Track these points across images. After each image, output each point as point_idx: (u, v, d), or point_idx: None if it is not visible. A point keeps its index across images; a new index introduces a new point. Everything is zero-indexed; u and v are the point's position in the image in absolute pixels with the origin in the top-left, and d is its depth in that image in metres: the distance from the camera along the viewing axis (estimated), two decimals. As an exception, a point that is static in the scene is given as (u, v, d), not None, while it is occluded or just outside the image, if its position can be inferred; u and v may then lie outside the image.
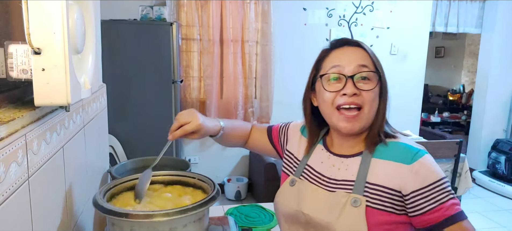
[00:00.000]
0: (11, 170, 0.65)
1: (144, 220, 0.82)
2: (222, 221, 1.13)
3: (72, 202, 1.02)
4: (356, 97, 0.92)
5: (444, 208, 0.86)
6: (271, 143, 1.22)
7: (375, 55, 0.97)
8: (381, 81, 0.95)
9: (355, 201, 0.90)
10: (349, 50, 0.97)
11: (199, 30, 3.65)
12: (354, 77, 0.92)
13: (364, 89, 0.92)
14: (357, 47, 0.97)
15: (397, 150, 0.93)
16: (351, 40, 0.99)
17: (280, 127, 1.22)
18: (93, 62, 0.97)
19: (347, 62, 0.94)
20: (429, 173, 0.88)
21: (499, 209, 3.88)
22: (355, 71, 0.93)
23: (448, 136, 4.48)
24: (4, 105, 0.77)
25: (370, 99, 0.92)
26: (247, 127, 1.25)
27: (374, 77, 0.93)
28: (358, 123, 0.93)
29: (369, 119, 0.94)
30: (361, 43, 0.98)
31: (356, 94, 0.92)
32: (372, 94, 0.92)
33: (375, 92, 0.93)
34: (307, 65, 3.70)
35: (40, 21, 0.65)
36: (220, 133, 1.11)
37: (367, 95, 0.92)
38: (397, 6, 4.14)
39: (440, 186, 0.87)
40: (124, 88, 3.07)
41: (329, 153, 1.03)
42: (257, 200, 3.75)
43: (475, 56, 6.66)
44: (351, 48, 0.97)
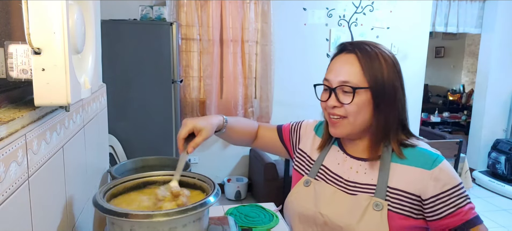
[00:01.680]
0: (11, 170, 0.65)
1: (144, 220, 0.82)
2: (222, 221, 1.13)
3: (72, 202, 1.02)
4: (337, 109, 0.96)
5: (462, 213, 0.89)
6: (282, 141, 1.22)
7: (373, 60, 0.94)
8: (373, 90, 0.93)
9: (377, 205, 0.92)
10: (342, 59, 0.97)
11: (199, 30, 3.65)
12: (336, 90, 0.95)
13: (344, 102, 0.94)
14: (350, 55, 0.95)
15: (416, 155, 0.95)
16: (348, 45, 0.98)
17: (291, 125, 1.22)
18: (93, 62, 0.97)
19: (334, 74, 0.96)
20: (449, 178, 0.91)
21: (499, 209, 3.88)
22: (337, 85, 0.95)
23: (448, 136, 4.48)
24: (4, 105, 0.77)
25: (352, 111, 0.94)
26: (254, 125, 1.24)
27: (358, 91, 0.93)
28: (340, 129, 0.97)
29: (355, 127, 0.96)
30: (357, 49, 0.95)
31: (336, 106, 0.96)
32: (354, 107, 0.93)
33: (357, 104, 0.93)
34: (307, 65, 3.77)
35: (40, 21, 0.65)
36: (224, 127, 1.11)
37: (348, 107, 0.94)
38: (397, 6, 4.14)
39: (458, 191, 0.91)
40: (124, 88, 3.07)
41: (346, 155, 1.03)
42: (257, 200, 3.75)
43: (475, 56, 6.67)
44: (345, 55, 0.97)
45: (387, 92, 0.94)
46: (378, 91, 0.93)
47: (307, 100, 3.48)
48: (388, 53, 0.97)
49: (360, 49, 0.95)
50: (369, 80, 0.93)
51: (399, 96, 0.96)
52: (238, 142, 1.23)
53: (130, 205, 0.97)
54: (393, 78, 0.95)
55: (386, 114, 0.95)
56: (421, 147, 0.97)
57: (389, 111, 0.95)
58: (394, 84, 0.95)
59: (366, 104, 0.94)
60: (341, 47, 1.00)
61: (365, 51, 0.95)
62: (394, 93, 0.95)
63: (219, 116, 1.10)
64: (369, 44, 0.97)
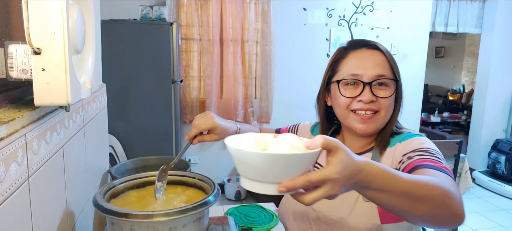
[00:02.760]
0: (11, 170, 0.65)
1: (144, 220, 0.82)
2: (222, 221, 1.13)
3: (72, 201, 1.02)
4: (372, 104, 0.94)
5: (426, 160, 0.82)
6: None
7: (393, 58, 0.97)
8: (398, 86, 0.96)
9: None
10: (368, 53, 0.95)
11: (199, 30, 3.65)
12: (372, 84, 0.93)
13: (381, 96, 0.93)
14: (375, 51, 0.96)
15: (399, 137, 0.96)
16: (369, 42, 0.98)
17: (289, 129, 1.23)
18: (93, 62, 0.97)
19: (365, 68, 0.93)
20: (420, 143, 0.89)
21: (499, 209, 3.88)
22: (373, 79, 0.93)
23: (448, 136, 4.48)
24: (4, 105, 0.77)
25: (387, 105, 0.94)
26: (257, 131, 1.26)
27: (392, 83, 0.94)
28: (372, 125, 0.95)
29: (384, 122, 0.96)
30: (379, 46, 0.97)
31: (373, 101, 0.93)
32: (389, 101, 0.94)
33: (392, 98, 0.94)
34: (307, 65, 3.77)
35: (40, 21, 0.65)
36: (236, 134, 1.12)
37: (384, 101, 0.93)
38: (397, 6, 4.14)
39: (428, 151, 0.85)
40: (124, 88, 3.07)
41: None
42: (257, 200, 3.75)
43: (475, 56, 6.67)
44: (370, 51, 0.96)
45: (401, 88, 0.98)
46: (400, 87, 0.97)
47: (307, 100, 3.48)
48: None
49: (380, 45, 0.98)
50: (397, 74, 0.95)
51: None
52: None
53: (130, 205, 0.97)
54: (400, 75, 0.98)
55: (398, 110, 0.98)
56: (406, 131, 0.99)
57: (400, 105, 0.98)
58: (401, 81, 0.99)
59: (393, 98, 0.96)
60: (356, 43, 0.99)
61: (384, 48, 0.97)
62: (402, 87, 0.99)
63: (235, 125, 1.11)
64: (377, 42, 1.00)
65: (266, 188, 0.60)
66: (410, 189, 0.62)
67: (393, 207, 0.63)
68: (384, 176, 0.60)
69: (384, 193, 0.60)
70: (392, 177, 0.61)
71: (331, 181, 0.56)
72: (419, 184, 0.63)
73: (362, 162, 0.60)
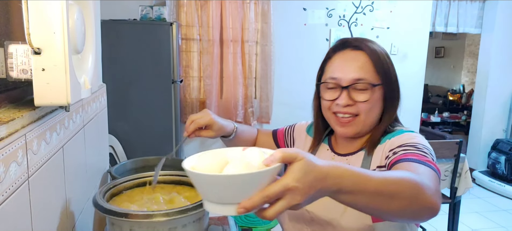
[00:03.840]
0: (11, 170, 0.65)
1: (143, 220, 0.82)
2: (222, 221, 1.13)
3: (72, 201, 1.02)
4: (349, 107, 0.93)
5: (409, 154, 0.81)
6: (277, 146, 1.23)
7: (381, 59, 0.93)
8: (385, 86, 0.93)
9: None
10: (350, 55, 0.94)
11: (199, 30, 3.65)
12: (349, 87, 0.92)
13: (359, 100, 0.92)
14: (359, 52, 0.94)
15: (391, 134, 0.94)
16: (353, 41, 0.96)
17: (285, 129, 1.23)
18: (93, 62, 0.97)
19: (345, 71, 0.93)
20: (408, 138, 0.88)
21: (498, 209, 3.88)
22: (351, 82, 0.92)
23: (448, 136, 4.48)
24: (4, 105, 0.77)
25: (366, 109, 0.92)
26: (254, 132, 1.26)
27: (372, 87, 0.92)
28: (352, 128, 0.95)
29: (366, 125, 0.95)
30: (363, 46, 0.94)
31: (349, 105, 0.93)
32: (368, 105, 0.92)
33: (371, 102, 0.92)
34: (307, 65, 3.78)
35: (40, 21, 0.65)
36: (233, 133, 1.12)
37: (362, 105, 0.92)
38: (397, 6, 4.14)
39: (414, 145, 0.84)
40: (124, 88, 3.07)
41: (334, 154, 1.04)
42: (257, 200, 3.74)
43: (475, 56, 6.67)
44: (352, 52, 0.94)
45: (395, 88, 0.95)
46: (389, 87, 0.93)
47: (307, 100, 3.45)
48: (383, 49, 0.97)
49: (367, 45, 0.94)
50: (382, 76, 0.92)
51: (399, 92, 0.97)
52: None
53: (130, 205, 0.97)
54: (394, 74, 0.96)
55: (392, 110, 0.95)
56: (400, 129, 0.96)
57: (395, 107, 0.96)
58: (397, 79, 0.96)
59: (378, 101, 0.93)
60: (343, 43, 0.97)
61: (372, 47, 0.94)
62: (398, 88, 0.96)
63: (232, 124, 1.12)
64: (370, 40, 0.97)
65: (226, 210, 0.57)
66: (380, 187, 0.61)
67: (367, 207, 0.63)
68: (353, 177, 0.59)
69: (356, 194, 0.60)
70: (362, 177, 0.60)
71: (290, 191, 0.54)
72: (389, 181, 0.63)
73: (328, 167, 0.58)
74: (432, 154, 0.83)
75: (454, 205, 2.77)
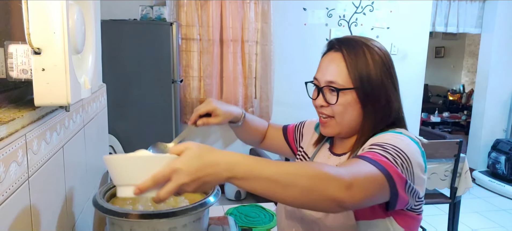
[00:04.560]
0: (11, 170, 0.65)
1: (143, 220, 0.82)
2: (222, 221, 1.13)
3: (72, 201, 1.02)
4: (325, 109, 0.95)
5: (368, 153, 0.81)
6: (287, 142, 1.24)
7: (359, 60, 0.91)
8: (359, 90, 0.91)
9: None
10: (330, 57, 0.95)
11: (199, 30, 3.65)
12: (324, 89, 0.95)
13: (331, 102, 0.93)
14: (337, 53, 0.93)
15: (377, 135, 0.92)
16: (336, 43, 0.95)
17: (295, 126, 1.24)
18: (93, 62, 0.97)
19: (323, 72, 0.95)
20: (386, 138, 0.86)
21: (499, 209, 3.88)
22: (325, 84, 0.94)
23: (448, 136, 4.48)
24: (4, 105, 0.77)
25: (338, 111, 0.93)
26: (265, 125, 1.27)
27: (341, 91, 0.91)
28: (329, 129, 0.97)
29: (343, 126, 0.95)
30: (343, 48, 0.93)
31: (323, 106, 0.95)
32: (339, 107, 0.92)
33: (342, 105, 0.92)
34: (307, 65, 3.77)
35: (40, 21, 0.65)
36: (241, 119, 1.13)
37: (335, 107, 0.93)
38: (397, 6, 4.14)
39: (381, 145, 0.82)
40: (124, 88, 3.07)
41: (330, 153, 1.04)
42: (257, 200, 3.75)
43: (475, 56, 6.67)
44: (333, 54, 0.94)
45: (375, 91, 0.91)
46: (365, 90, 0.90)
47: (307, 100, 3.44)
48: (378, 48, 0.93)
49: (347, 46, 0.93)
50: (354, 80, 0.90)
51: (389, 95, 0.92)
52: (248, 139, 1.24)
53: (130, 205, 0.97)
54: (381, 76, 0.91)
55: (375, 113, 0.92)
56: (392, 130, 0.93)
57: (378, 110, 0.92)
58: (383, 82, 0.91)
59: (352, 104, 0.92)
60: (329, 44, 0.98)
61: (351, 49, 0.92)
62: (383, 92, 0.91)
63: (239, 109, 1.13)
64: (357, 41, 0.94)
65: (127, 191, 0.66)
66: (275, 176, 0.67)
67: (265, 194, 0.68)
68: (247, 166, 0.66)
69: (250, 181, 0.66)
70: (257, 166, 0.67)
71: (175, 172, 0.64)
72: (285, 171, 0.68)
73: (222, 155, 0.67)
74: (402, 157, 0.80)
75: (454, 205, 2.77)
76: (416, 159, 0.83)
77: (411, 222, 0.90)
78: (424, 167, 0.87)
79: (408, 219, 0.90)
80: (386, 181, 0.76)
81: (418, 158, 0.84)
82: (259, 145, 1.27)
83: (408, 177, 0.80)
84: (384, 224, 0.88)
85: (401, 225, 0.89)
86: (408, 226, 0.90)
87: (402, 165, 0.80)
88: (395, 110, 0.95)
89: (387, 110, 0.93)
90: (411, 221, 0.90)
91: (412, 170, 0.81)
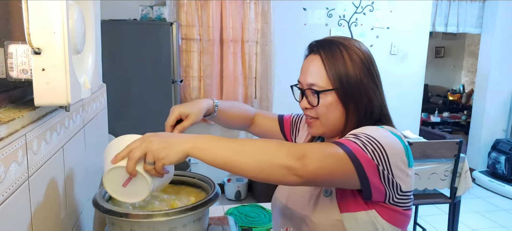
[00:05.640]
0: (11, 170, 0.65)
1: (144, 220, 0.82)
2: (222, 221, 1.13)
3: (72, 202, 1.03)
4: (309, 110, 0.97)
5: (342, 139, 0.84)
6: (282, 133, 1.24)
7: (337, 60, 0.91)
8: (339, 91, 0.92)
9: (326, 191, 0.93)
10: (310, 60, 0.96)
11: (199, 30, 3.65)
12: (306, 92, 0.96)
13: (313, 104, 0.95)
14: (315, 55, 0.95)
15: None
16: (314, 45, 0.97)
17: (292, 118, 1.23)
18: (93, 62, 0.97)
19: (304, 75, 0.97)
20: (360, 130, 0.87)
21: (499, 209, 3.88)
22: (306, 87, 0.96)
23: (448, 136, 4.47)
24: (4, 105, 0.77)
25: (321, 112, 0.94)
26: (249, 110, 1.26)
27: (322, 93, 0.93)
28: (314, 129, 0.98)
29: (328, 126, 0.96)
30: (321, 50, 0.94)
31: (307, 108, 0.97)
32: (322, 109, 0.93)
33: (324, 106, 0.93)
34: (307, 65, 3.55)
35: (40, 21, 0.65)
36: (214, 111, 1.13)
37: (318, 108, 0.94)
38: (397, 6, 4.14)
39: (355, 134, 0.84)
40: (124, 88, 3.07)
41: None
42: (257, 200, 3.75)
43: (475, 56, 6.67)
44: (312, 56, 0.96)
45: (355, 91, 0.92)
46: (344, 91, 0.91)
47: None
48: (357, 48, 0.94)
49: (325, 48, 0.94)
50: (333, 81, 0.92)
51: (369, 93, 0.93)
52: (232, 126, 1.25)
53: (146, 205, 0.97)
54: (360, 75, 0.91)
55: (358, 112, 0.93)
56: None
57: (360, 109, 0.93)
58: (362, 81, 0.92)
59: (334, 104, 0.93)
60: (309, 47, 0.99)
61: (329, 51, 0.93)
62: (363, 90, 0.92)
63: (209, 100, 1.12)
64: (335, 41, 0.94)
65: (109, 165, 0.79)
66: (232, 144, 0.76)
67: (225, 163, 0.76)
68: (206, 138, 0.77)
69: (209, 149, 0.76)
70: (216, 138, 0.77)
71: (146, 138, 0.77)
72: (243, 141, 0.78)
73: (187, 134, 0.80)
74: (374, 144, 0.81)
75: (454, 205, 2.77)
76: (394, 149, 0.84)
77: (398, 218, 0.89)
78: (406, 161, 0.86)
79: (394, 214, 0.88)
80: (349, 161, 0.79)
81: (397, 150, 0.85)
82: (247, 131, 1.27)
83: (380, 164, 0.81)
84: (368, 217, 0.88)
85: (385, 219, 0.88)
86: (395, 222, 0.89)
87: (374, 152, 0.81)
88: (377, 107, 0.95)
89: (369, 108, 0.94)
90: (397, 216, 0.89)
91: (386, 159, 0.81)
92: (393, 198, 0.86)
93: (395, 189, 0.85)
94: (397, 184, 0.84)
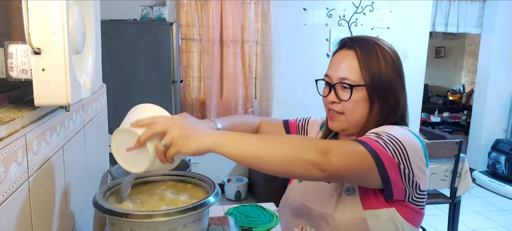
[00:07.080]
0: (11, 170, 0.65)
1: (144, 220, 0.82)
2: (222, 221, 1.13)
3: (72, 202, 1.03)
4: (335, 105, 0.97)
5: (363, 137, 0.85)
6: None
7: (372, 58, 0.94)
8: (370, 87, 0.93)
9: (348, 189, 0.93)
10: (342, 55, 0.97)
11: (199, 30, 3.65)
12: (336, 86, 0.96)
13: (343, 99, 0.95)
14: (350, 51, 0.96)
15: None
16: (349, 41, 0.98)
17: (298, 121, 1.23)
18: (93, 62, 0.97)
19: (335, 70, 0.97)
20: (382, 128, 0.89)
21: (499, 209, 3.88)
22: (337, 81, 0.96)
23: (448, 136, 4.47)
24: (4, 105, 0.77)
25: (349, 107, 0.95)
26: (253, 121, 1.23)
27: (356, 87, 0.93)
28: (338, 124, 0.98)
29: (352, 122, 0.97)
30: (356, 46, 0.95)
31: (334, 102, 0.97)
32: (351, 104, 0.94)
33: (354, 101, 0.94)
34: (307, 65, 3.76)
35: (40, 21, 0.65)
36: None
37: (346, 104, 0.95)
38: (397, 6, 4.14)
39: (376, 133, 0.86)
40: (124, 88, 3.06)
41: None
42: (257, 200, 3.75)
43: (475, 56, 6.67)
44: (345, 51, 0.97)
45: (384, 90, 0.94)
46: (375, 88, 0.93)
47: (307, 100, 3.48)
48: (388, 48, 0.97)
49: (360, 45, 0.95)
50: (366, 77, 0.93)
51: (397, 94, 0.95)
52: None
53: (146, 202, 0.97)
54: (391, 75, 0.94)
55: (381, 111, 0.95)
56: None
57: (384, 108, 0.95)
58: (392, 81, 0.94)
59: (363, 101, 0.94)
60: (342, 42, 1.00)
61: (364, 47, 0.95)
62: (392, 90, 0.95)
63: (211, 122, 1.06)
64: (369, 40, 0.97)
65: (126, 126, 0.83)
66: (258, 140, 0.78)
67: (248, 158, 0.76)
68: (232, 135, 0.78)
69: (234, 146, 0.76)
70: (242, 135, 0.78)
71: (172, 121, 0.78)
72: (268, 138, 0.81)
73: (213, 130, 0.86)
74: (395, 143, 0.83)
75: (454, 205, 2.77)
76: (414, 149, 0.86)
77: (414, 217, 0.91)
78: (425, 161, 0.89)
79: (412, 213, 0.90)
80: (371, 159, 0.80)
81: (416, 149, 0.86)
82: None
83: (401, 163, 0.82)
84: (388, 214, 0.89)
85: (404, 218, 0.89)
86: (412, 220, 0.91)
87: (395, 151, 0.82)
88: (402, 108, 0.97)
89: (393, 108, 0.95)
90: (414, 215, 0.91)
91: (407, 158, 0.83)
92: (412, 197, 0.88)
93: (415, 188, 0.87)
94: (417, 183, 0.86)
